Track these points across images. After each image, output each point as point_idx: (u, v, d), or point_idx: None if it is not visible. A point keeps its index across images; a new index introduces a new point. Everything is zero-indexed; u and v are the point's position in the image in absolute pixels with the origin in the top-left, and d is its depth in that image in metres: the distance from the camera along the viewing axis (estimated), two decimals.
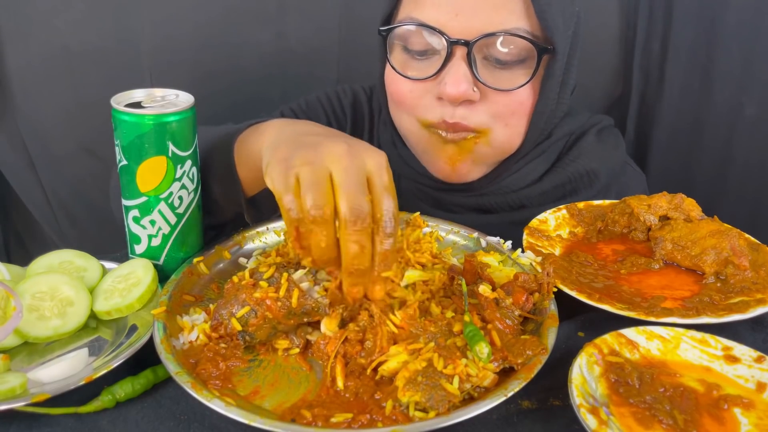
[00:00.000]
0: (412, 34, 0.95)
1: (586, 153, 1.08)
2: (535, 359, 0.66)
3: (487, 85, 0.93)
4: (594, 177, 1.07)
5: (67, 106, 1.45)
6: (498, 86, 0.93)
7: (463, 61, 0.91)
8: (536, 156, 1.06)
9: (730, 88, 1.40)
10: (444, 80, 0.92)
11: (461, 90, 0.91)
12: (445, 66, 0.92)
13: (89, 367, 0.70)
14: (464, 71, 0.91)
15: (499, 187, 1.06)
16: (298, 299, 0.72)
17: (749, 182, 1.47)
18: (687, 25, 1.38)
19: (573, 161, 1.07)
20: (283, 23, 1.43)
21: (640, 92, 1.47)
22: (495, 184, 1.06)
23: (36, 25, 1.38)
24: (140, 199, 0.82)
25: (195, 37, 1.42)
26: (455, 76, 0.91)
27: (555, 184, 1.07)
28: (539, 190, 1.06)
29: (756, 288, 0.81)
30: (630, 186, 1.15)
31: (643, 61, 1.44)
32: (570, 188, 1.08)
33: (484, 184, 1.06)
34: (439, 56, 0.93)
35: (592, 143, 1.09)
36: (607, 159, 1.10)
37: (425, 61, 0.95)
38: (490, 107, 0.95)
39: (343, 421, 0.62)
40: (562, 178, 1.06)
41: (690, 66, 1.41)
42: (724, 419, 0.63)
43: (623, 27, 1.44)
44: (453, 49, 0.91)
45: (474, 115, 0.95)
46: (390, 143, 1.12)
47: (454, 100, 0.92)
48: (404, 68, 0.97)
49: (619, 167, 1.14)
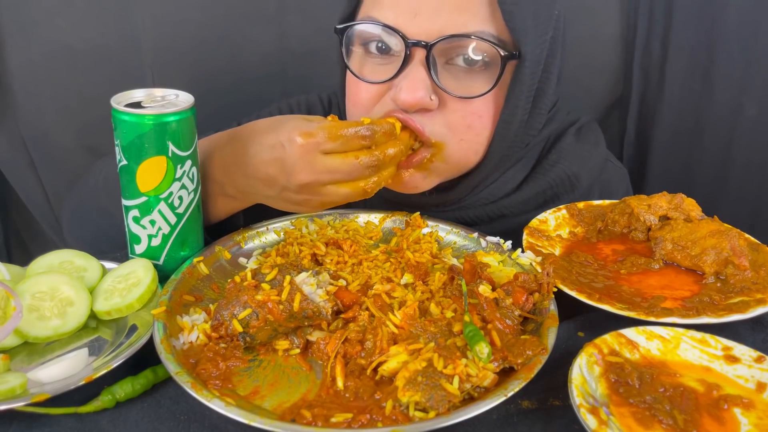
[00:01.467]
0: (369, 34, 0.90)
1: (566, 156, 1.03)
2: (535, 359, 0.66)
3: (447, 91, 0.87)
4: (575, 181, 1.03)
5: (67, 105, 1.45)
6: (459, 93, 0.87)
7: (421, 65, 0.86)
8: (513, 163, 1.01)
9: (730, 88, 1.40)
10: (400, 85, 0.86)
11: (417, 96, 0.85)
12: (403, 69, 0.87)
13: (89, 367, 0.70)
14: (422, 76, 0.86)
15: (477, 198, 1.01)
16: (300, 303, 0.72)
17: (749, 182, 1.47)
18: (687, 26, 1.38)
19: (553, 166, 1.03)
20: (283, 23, 1.43)
21: (640, 92, 1.47)
22: (472, 196, 1.01)
23: (37, 24, 1.38)
24: (140, 199, 0.82)
25: (196, 37, 1.42)
26: (412, 81, 0.85)
27: (536, 191, 1.03)
28: (519, 198, 1.02)
29: (756, 288, 0.81)
30: (612, 183, 1.12)
31: (643, 62, 1.44)
32: (551, 194, 1.04)
33: (461, 197, 1.01)
34: (398, 59, 0.88)
35: (571, 144, 1.05)
36: (588, 159, 1.06)
37: (383, 63, 0.90)
38: (447, 117, 0.89)
39: (343, 421, 0.62)
40: (542, 184, 1.03)
41: (690, 66, 1.41)
42: (724, 419, 0.63)
43: (623, 27, 1.44)
44: (411, 51, 0.86)
45: (429, 124, 0.89)
46: None
47: (410, 107, 0.86)
48: (361, 70, 0.92)
49: (600, 166, 1.10)
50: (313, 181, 0.80)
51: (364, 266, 0.85)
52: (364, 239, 0.94)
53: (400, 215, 0.99)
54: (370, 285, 0.81)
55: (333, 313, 0.75)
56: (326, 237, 0.92)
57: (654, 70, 1.44)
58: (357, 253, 0.89)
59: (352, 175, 0.81)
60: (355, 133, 0.80)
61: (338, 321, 0.76)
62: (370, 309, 0.75)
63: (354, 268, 0.85)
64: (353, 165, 0.80)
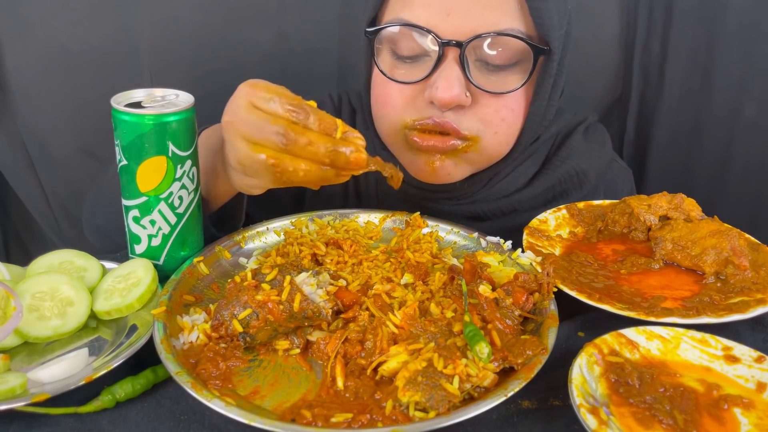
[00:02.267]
0: (401, 35, 0.91)
1: (575, 153, 1.06)
2: (535, 359, 0.66)
3: (481, 88, 0.89)
4: (584, 177, 1.05)
5: (66, 107, 1.45)
6: (492, 89, 0.90)
7: (455, 63, 0.88)
8: (525, 159, 1.04)
9: (730, 88, 1.40)
10: (436, 84, 0.88)
11: (454, 94, 0.87)
12: (437, 68, 0.89)
13: (89, 367, 0.70)
14: (457, 74, 0.88)
15: (491, 192, 1.04)
16: (300, 303, 0.72)
17: (749, 182, 1.47)
18: (687, 25, 1.38)
19: (563, 162, 1.05)
20: (283, 22, 1.43)
21: (640, 92, 1.47)
22: (486, 190, 1.04)
23: (35, 26, 1.37)
24: (140, 199, 0.82)
25: (195, 37, 1.42)
26: (448, 80, 0.87)
27: (545, 186, 1.05)
28: (530, 194, 1.05)
29: (756, 288, 0.81)
30: (617, 182, 1.14)
31: (643, 61, 1.44)
32: (560, 190, 1.06)
33: (474, 191, 1.04)
34: (430, 58, 0.89)
35: (579, 142, 1.07)
36: (596, 158, 1.08)
37: (414, 63, 0.92)
38: (480, 112, 0.91)
39: (343, 421, 0.62)
40: (552, 180, 1.05)
41: (690, 66, 1.41)
42: (724, 419, 0.63)
43: (623, 27, 1.44)
44: (445, 50, 0.87)
45: (464, 120, 0.91)
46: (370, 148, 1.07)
47: (446, 105, 0.88)
48: (392, 71, 0.93)
49: (606, 165, 1.12)
50: (229, 122, 0.75)
51: (364, 266, 0.85)
52: (364, 239, 0.94)
53: (400, 215, 0.99)
54: (370, 285, 0.81)
55: (333, 314, 0.75)
56: (326, 237, 0.92)
57: (654, 70, 1.44)
58: (357, 253, 0.89)
59: (259, 132, 0.71)
60: (288, 100, 0.72)
61: (338, 321, 0.76)
62: (370, 309, 0.75)
63: (354, 268, 0.85)
64: (261, 121, 0.71)
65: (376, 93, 0.98)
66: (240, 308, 0.72)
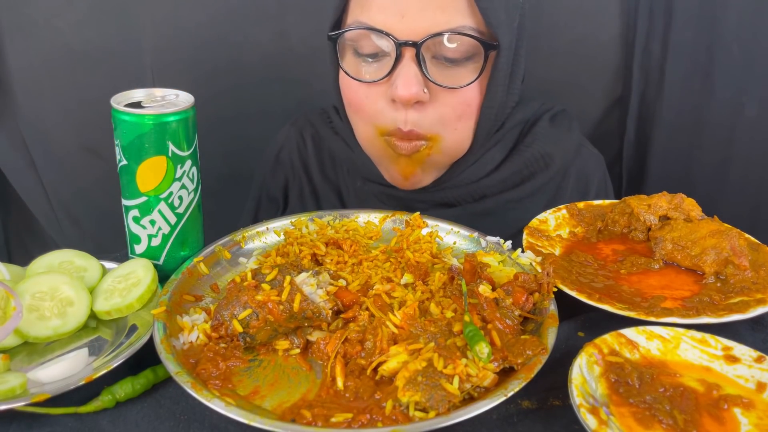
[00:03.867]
0: (361, 37, 0.95)
1: (540, 138, 1.10)
2: (535, 359, 0.66)
3: (438, 83, 0.94)
4: (549, 160, 1.10)
5: (68, 106, 1.45)
6: (448, 84, 0.94)
7: (412, 61, 0.92)
8: (492, 146, 1.08)
9: (730, 88, 1.40)
10: (395, 82, 0.93)
11: (412, 92, 0.92)
12: (396, 68, 0.93)
13: (89, 367, 0.70)
14: (414, 72, 0.92)
15: (459, 180, 1.08)
16: (300, 303, 0.72)
17: (749, 182, 1.47)
18: (687, 25, 1.38)
19: (528, 147, 1.10)
20: (283, 22, 1.43)
21: (640, 92, 1.47)
22: (455, 177, 1.08)
23: (37, 25, 1.38)
24: (140, 199, 0.82)
25: (196, 37, 1.43)
26: (406, 78, 0.92)
27: (512, 170, 1.09)
28: (498, 178, 1.09)
29: (756, 288, 0.81)
30: (588, 167, 1.18)
31: (643, 61, 1.44)
32: (527, 173, 1.10)
33: (444, 179, 1.09)
34: (389, 58, 0.94)
35: (545, 128, 1.12)
36: (561, 141, 1.13)
37: (376, 63, 0.96)
38: (438, 109, 0.96)
39: (343, 421, 0.62)
40: (518, 164, 1.09)
41: (690, 66, 1.41)
42: (724, 419, 0.63)
43: (623, 27, 1.44)
44: (402, 50, 0.92)
45: (424, 120, 0.96)
46: (346, 149, 1.13)
47: (407, 101, 0.93)
48: (357, 72, 0.98)
49: (573, 149, 1.16)
50: None
51: (364, 266, 0.85)
52: (364, 239, 0.94)
53: (400, 215, 0.99)
54: (370, 285, 0.81)
55: (333, 314, 0.75)
56: (326, 237, 0.92)
57: (654, 70, 1.44)
58: (357, 253, 0.89)
59: None
60: None
61: (338, 321, 0.76)
62: (370, 309, 0.75)
63: (354, 268, 0.85)
64: None
65: (346, 97, 1.03)
66: (240, 308, 0.72)
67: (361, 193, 1.16)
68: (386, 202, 1.13)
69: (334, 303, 0.75)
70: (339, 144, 1.15)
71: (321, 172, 1.21)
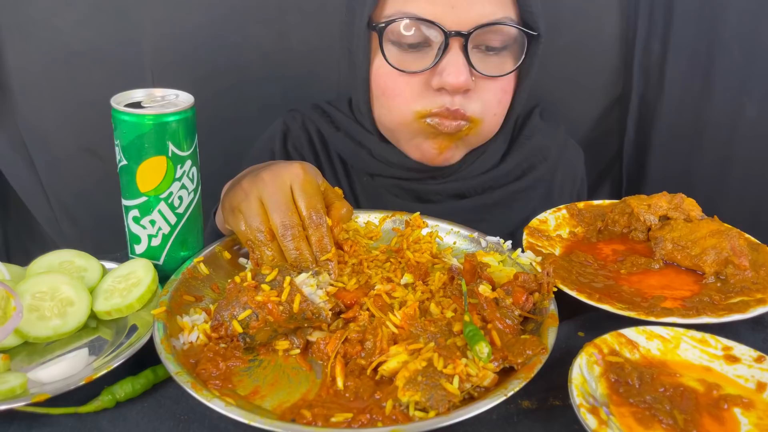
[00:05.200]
0: (406, 28, 0.97)
1: (537, 131, 1.16)
2: (535, 359, 0.66)
3: (483, 73, 0.98)
4: (547, 152, 1.16)
5: (67, 106, 1.45)
6: (490, 73, 0.99)
7: (460, 51, 0.95)
8: (495, 138, 1.11)
9: (730, 88, 1.40)
10: (445, 71, 0.95)
11: (462, 80, 0.95)
12: (443, 57, 0.96)
13: (89, 367, 0.70)
14: (463, 61, 0.95)
15: (470, 170, 1.11)
16: (300, 304, 0.72)
17: (749, 182, 1.47)
18: (687, 25, 1.38)
19: (528, 140, 1.15)
20: (283, 22, 1.43)
21: (640, 92, 1.47)
22: (467, 167, 1.11)
23: (37, 25, 1.37)
24: (140, 199, 0.82)
25: (196, 37, 1.42)
26: (456, 67, 0.95)
27: (516, 162, 1.14)
28: (504, 170, 1.13)
29: (756, 288, 0.81)
30: (574, 160, 1.25)
31: (643, 61, 1.44)
32: (527, 165, 1.15)
33: (455, 170, 1.11)
34: (431, 48, 0.97)
35: (539, 122, 1.18)
36: (554, 135, 1.19)
37: (417, 53, 0.98)
38: (482, 95, 1.00)
39: (343, 420, 0.62)
40: (520, 156, 1.14)
41: (690, 66, 1.41)
42: (724, 419, 0.63)
43: (623, 27, 1.44)
44: (450, 41, 0.95)
45: (468, 105, 0.99)
46: (356, 144, 1.14)
47: (457, 89, 0.96)
48: (399, 62, 0.99)
49: (563, 142, 1.22)
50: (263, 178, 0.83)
51: (364, 266, 0.85)
52: (364, 239, 0.94)
53: (400, 215, 0.99)
54: (371, 285, 0.81)
55: (334, 314, 0.75)
56: None
57: (654, 70, 1.44)
58: (357, 253, 0.89)
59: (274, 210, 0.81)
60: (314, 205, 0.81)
61: (338, 321, 0.76)
62: (370, 309, 0.75)
63: (354, 267, 0.85)
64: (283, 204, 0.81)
65: (382, 86, 1.03)
66: (240, 309, 0.71)
67: (369, 188, 1.17)
68: (399, 194, 1.14)
69: (333, 303, 0.75)
70: (342, 140, 1.15)
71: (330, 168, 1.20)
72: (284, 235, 0.80)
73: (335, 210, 0.86)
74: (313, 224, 0.81)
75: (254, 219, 0.81)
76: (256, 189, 0.83)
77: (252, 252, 0.82)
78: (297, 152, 1.21)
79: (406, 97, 1.01)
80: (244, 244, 0.83)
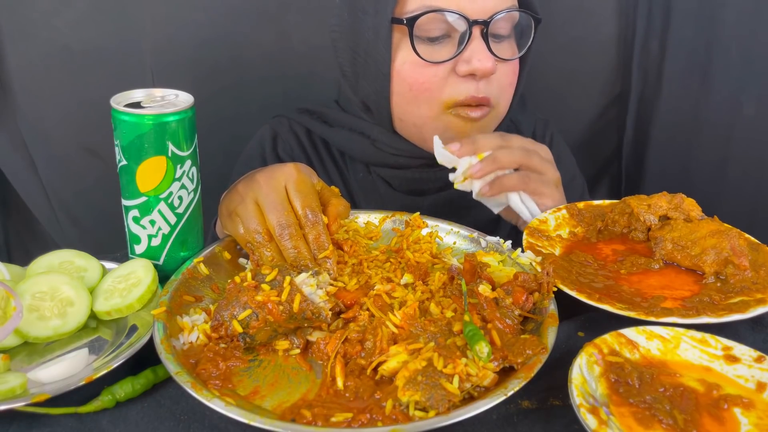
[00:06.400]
0: (432, 21, 1.01)
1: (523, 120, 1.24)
2: (535, 359, 0.66)
3: (500, 57, 1.04)
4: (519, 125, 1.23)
5: (68, 106, 1.45)
6: (506, 57, 1.05)
7: (481, 38, 1.01)
8: None
9: (728, 87, 1.40)
10: (474, 57, 1.00)
11: (490, 65, 1.00)
12: (467, 46, 1.01)
13: (89, 367, 0.70)
14: (485, 47, 1.01)
15: None
16: (300, 304, 0.72)
17: (749, 182, 1.47)
18: (686, 24, 1.38)
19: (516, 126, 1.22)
20: (284, 22, 1.43)
21: (638, 91, 1.47)
22: None
23: (37, 25, 1.37)
24: (140, 199, 0.82)
25: (196, 37, 1.42)
26: (483, 53, 1.00)
27: None
28: None
29: (756, 288, 0.81)
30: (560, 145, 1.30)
31: (641, 60, 1.44)
32: None
33: None
34: (451, 39, 1.03)
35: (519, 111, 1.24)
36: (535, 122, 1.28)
37: (438, 45, 1.03)
38: (499, 79, 1.06)
39: (343, 420, 0.62)
40: None
41: (689, 65, 1.41)
42: (724, 419, 0.63)
43: (622, 26, 1.44)
44: (472, 29, 1.00)
45: (490, 89, 1.04)
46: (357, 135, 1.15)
47: (485, 74, 1.01)
48: (426, 55, 1.03)
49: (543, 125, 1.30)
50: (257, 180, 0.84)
51: (364, 266, 0.85)
52: (364, 239, 0.94)
53: (400, 215, 0.99)
54: (371, 285, 0.81)
55: (334, 315, 0.75)
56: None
57: (652, 70, 1.44)
58: (357, 253, 0.89)
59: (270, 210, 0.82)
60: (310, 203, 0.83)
61: (338, 321, 0.76)
62: (370, 309, 0.75)
63: (354, 268, 0.85)
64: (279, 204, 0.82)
65: (409, 80, 1.05)
66: (240, 309, 0.72)
67: (366, 182, 1.19)
68: (396, 186, 1.16)
69: (333, 303, 0.75)
70: (339, 133, 1.17)
71: (323, 168, 1.21)
72: (282, 235, 0.81)
73: (332, 207, 0.87)
74: (310, 222, 0.82)
75: (251, 221, 0.83)
76: (251, 191, 0.84)
77: (252, 254, 0.83)
78: (288, 155, 1.22)
79: (434, 89, 1.04)
80: (244, 247, 0.84)
